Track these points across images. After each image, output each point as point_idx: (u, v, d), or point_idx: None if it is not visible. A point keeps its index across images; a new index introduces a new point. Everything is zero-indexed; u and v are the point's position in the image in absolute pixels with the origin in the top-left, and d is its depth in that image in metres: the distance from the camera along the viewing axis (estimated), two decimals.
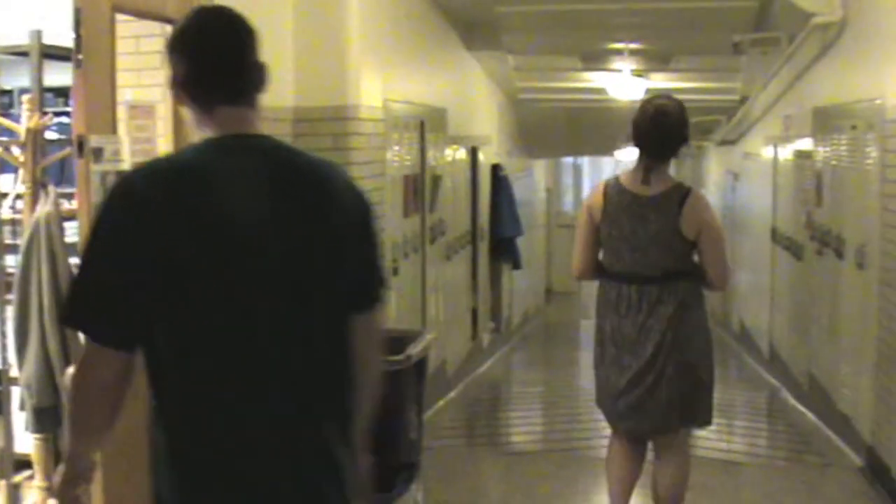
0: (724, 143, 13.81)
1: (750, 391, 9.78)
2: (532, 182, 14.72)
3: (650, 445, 4.50)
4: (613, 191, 4.28)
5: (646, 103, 4.32)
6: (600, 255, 4.36)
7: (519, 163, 13.20)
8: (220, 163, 2.05)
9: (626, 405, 4.31)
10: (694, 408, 4.29)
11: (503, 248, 11.11)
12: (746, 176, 12.45)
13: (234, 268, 1.99)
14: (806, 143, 8.22)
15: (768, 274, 10.27)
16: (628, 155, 19.38)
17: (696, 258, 4.24)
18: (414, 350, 4.94)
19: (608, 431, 4.61)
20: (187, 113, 2.16)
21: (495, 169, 10.73)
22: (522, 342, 12.99)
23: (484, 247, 10.26)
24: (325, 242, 2.08)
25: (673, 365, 4.20)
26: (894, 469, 5.55)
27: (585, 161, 27.01)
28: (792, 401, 8.61)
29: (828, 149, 7.42)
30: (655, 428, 4.32)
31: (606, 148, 18.22)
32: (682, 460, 4.41)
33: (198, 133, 2.14)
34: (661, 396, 4.23)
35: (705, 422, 4.37)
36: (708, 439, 7.75)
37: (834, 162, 7.24)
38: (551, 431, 7.86)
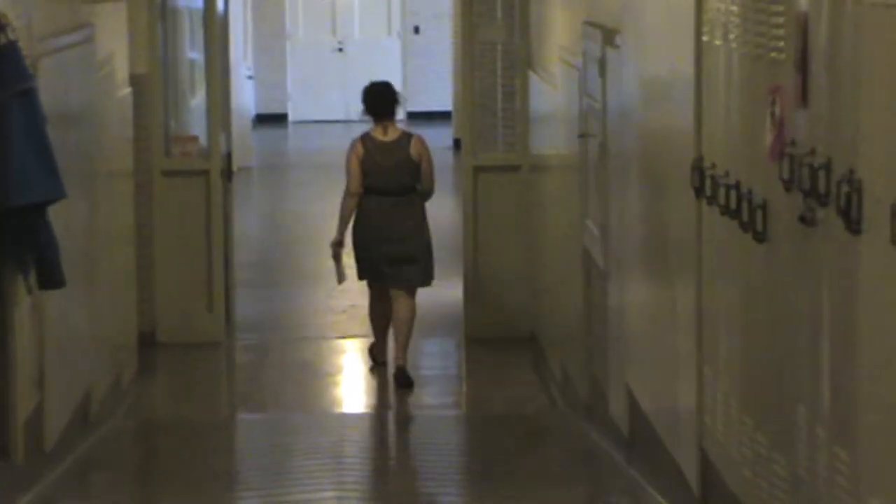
0: None
1: None
2: (90, 61, 12.72)
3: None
4: (368, 141, 13.86)
5: (367, 86, 14.57)
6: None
7: (57, 11, 11.62)
8: None
9: (388, 269, 13.59)
10: (428, 270, 13.71)
11: (16, 233, 10.04)
12: (632, 38, 10.95)
13: None
14: None
15: (691, 280, 8.99)
16: None
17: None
18: None
19: None
20: None
21: None
22: (77, 480, 10.96)
23: None
24: None
25: (417, 240, 13.74)
26: None
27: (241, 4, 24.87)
28: None
29: None
30: (409, 282, 13.91)
31: None
32: (413, 303, 13.83)
33: None
34: (411, 263, 13.78)
35: (426, 282, 13.75)
36: None
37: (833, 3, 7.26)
38: None
